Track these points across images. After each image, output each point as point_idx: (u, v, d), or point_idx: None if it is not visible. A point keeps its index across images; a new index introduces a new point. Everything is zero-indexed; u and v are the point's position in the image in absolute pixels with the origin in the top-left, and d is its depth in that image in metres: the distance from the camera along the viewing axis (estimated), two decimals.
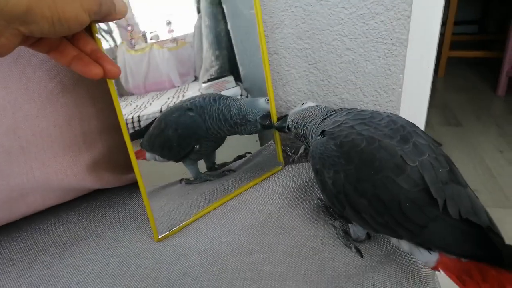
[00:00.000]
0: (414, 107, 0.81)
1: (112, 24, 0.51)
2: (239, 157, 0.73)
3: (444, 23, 2.66)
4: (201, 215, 0.64)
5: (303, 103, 0.68)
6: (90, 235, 0.61)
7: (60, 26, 0.34)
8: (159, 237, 0.59)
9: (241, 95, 0.68)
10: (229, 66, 0.66)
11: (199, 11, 0.62)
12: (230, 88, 0.67)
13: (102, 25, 0.49)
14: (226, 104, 0.65)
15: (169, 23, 0.58)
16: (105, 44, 0.51)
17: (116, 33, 0.53)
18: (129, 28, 0.54)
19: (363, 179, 0.46)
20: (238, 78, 0.68)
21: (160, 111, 0.60)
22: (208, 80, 0.65)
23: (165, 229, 0.60)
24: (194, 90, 0.63)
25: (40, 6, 0.32)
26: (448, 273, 0.43)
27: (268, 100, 0.69)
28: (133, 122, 0.57)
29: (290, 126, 0.66)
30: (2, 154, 0.52)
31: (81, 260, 0.56)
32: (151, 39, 0.57)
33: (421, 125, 0.82)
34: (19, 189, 0.55)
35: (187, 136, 0.64)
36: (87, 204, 0.68)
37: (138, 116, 0.58)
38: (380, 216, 0.45)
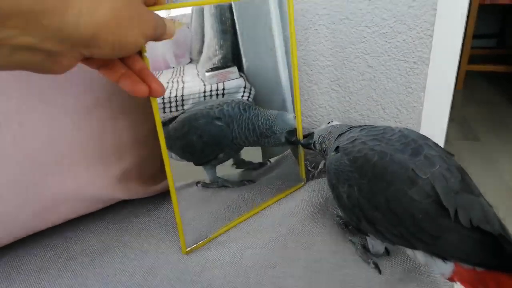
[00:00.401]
0: (434, 124, 0.82)
1: None
2: (261, 165, 0.74)
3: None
4: (226, 229, 0.65)
5: (328, 122, 0.69)
6: (117, 245, 0.63)
7: (119, 50, 0.37)
8: (187, 249, 0.60)
9: (245, 87, 0.68)
10: (232, 56, 0.66)
11: None
12: (233, 79, 0.67)
13: None
14: (256, 113, 0.66)
15: None
16: None
17: None
18: None
19: (376, 192, 0.47)
20: (242, 69, 0.68)
21: (163, 99, 0.60)
22: (212, 69, 0.65)
23: (189, 239, 0.61)
24: (192, 76, 0.62)
25: (105, 33, 0.34)
26: (464, 283, 0.44)
27: (295, 116, 0.70)
28: None
29: (315, 143, 0.67)
30: (38, 166, 0.55)
31: (109, 269, 0.58)
32: None
33: (441, 142, 0.82)
34: (52, 200, 0.57)
35: (212, 144, 0.65)
36: (113, 214, 0.70)
37: None
38: (394, 228, 0.47)
